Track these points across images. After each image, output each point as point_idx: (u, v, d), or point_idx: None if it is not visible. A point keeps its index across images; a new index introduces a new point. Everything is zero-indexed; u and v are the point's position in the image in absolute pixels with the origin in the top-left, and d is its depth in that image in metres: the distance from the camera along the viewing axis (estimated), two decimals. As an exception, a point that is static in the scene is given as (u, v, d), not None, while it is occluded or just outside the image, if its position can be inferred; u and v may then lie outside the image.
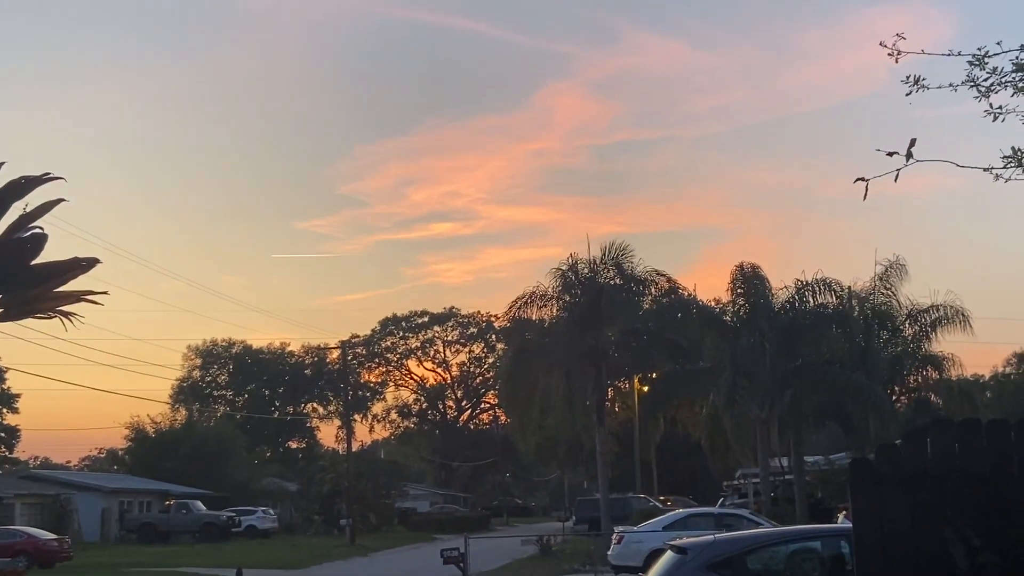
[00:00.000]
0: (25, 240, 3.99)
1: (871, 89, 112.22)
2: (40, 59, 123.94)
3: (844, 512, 27.13)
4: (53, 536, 44.97)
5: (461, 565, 27.63)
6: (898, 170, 6.60)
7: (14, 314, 4.18)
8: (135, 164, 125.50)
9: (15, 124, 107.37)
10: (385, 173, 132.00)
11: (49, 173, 4.03)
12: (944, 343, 44.50)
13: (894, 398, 44.50)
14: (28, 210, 4.05)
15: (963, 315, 43.79)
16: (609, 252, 46.97)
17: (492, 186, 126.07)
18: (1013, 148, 6.69)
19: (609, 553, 29.74)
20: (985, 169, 6.79)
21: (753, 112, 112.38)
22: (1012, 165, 6.71)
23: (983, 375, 77.66)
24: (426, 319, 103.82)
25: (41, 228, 4.15)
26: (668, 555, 14.35)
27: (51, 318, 4.29)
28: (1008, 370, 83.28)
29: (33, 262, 4.01)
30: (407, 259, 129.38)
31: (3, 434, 78.38)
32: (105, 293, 4.31)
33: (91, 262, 4.13)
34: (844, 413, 41.40)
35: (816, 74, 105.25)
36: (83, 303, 4.27)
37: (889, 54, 6.84)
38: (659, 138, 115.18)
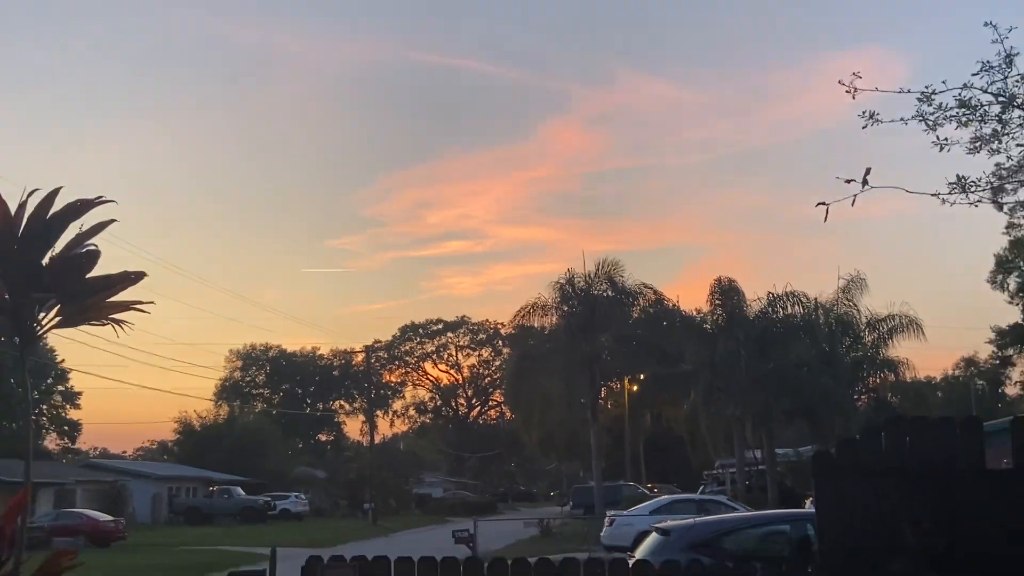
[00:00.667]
0: (81, 256, 3.98)
1: (835, 123, 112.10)
2: (102, 95, 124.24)
3: (810, 499, 27.09)
4: (110, 518, 45.08)
5: (471, 544, 27.61)
6: (855, 195, 6.61)
7: (71, 322, 4.19)
8: (189, 192, 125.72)
9: (78, 155, 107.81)
10: (403, 198, 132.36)
11: (102, 197, 4.03)
12: (900, 349, 44.46)
13: (855, 398, 44.43)
14: (83, 229, 4.06)
15: (916, 324, 43.74)
16: (602, 267, 46.99)
17: (498, 208, 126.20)
18: (957, 176, 6.70)
19: (602, 534, 29.67)
20: (932, 195, 6.80)
21: (731, 144, 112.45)
22: (956, 191, 6.71)
23: (935, 377, 77.35)
24: (440, 326, 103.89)
25: (95, 245, 4.16)
26: (654, 536, 14.30)
27: (104, 325, 4.29)
28: (957, 373, 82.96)
29: (88, 275, 4.01)
30: (423, 273, 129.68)
31: (67, 427, 78.40)
32: (152, 303, 4.31)
33: (139, 275, 4.12)
34: (811, 411, 41.33)
35: (787, 110, 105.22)
36: (133, 311, 4.28)
37: (847, 91, 6.86)
38: (647, 166, 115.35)
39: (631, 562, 6.52)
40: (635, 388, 53.85)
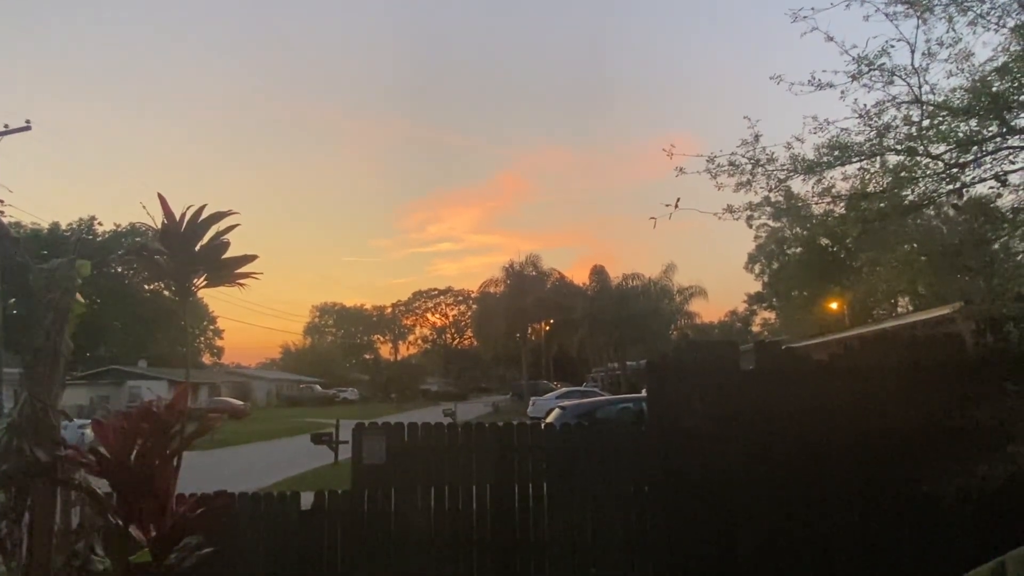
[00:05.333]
0: (218, 245, 3.88)
1: (665, 174, 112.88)
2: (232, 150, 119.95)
3: (644, 389, 27.42)
4: (241, 403, 44.43)
5: (453, 416, 27.66)
6: (671, 213, 6.63)
7: (213, 284, 4.08)
8: (294, 210, 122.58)
9: (219, 183, 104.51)
10: (416, 217, 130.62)
11: (232, 210, 3.95)
12: (694, 305, 45.15)
13: (671, 332, 45.02)
14: (220, 229, 3.95)
15: (703, 290, 44.47)
16: (529, 258, 47.31)
17: (471, 224, 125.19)
18: (728, 205, 6.76)
19: (528, 410, 29.90)
20: (714, 214, 6.84)
21: (605, 188, 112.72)
22: (726, 214, 6.78)
23: (715, 321, 78.36)
24: (436, 292, 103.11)
25: (227, 239, 4.05)
26: (556, 410, 14.43)
27: (233, 286, 4.20)
28: (726, 319, 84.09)
29: (222, 256, 3.91)
30: (426, 261, 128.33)
31: (215, 350, 76.64)
32: (262, 273, 4.24)
33: (253, 257, 4.03)
34: (645, 340, 41.83)
35: (638, 167, 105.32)
36: (250, 278, 4.18)
37: (668, 156, 6.84)
38: (557, 200, 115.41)
39: (543, 424, 6.56)
40: (547, 327, 54.04)
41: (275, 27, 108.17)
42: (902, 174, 5.95)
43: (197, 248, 4.30)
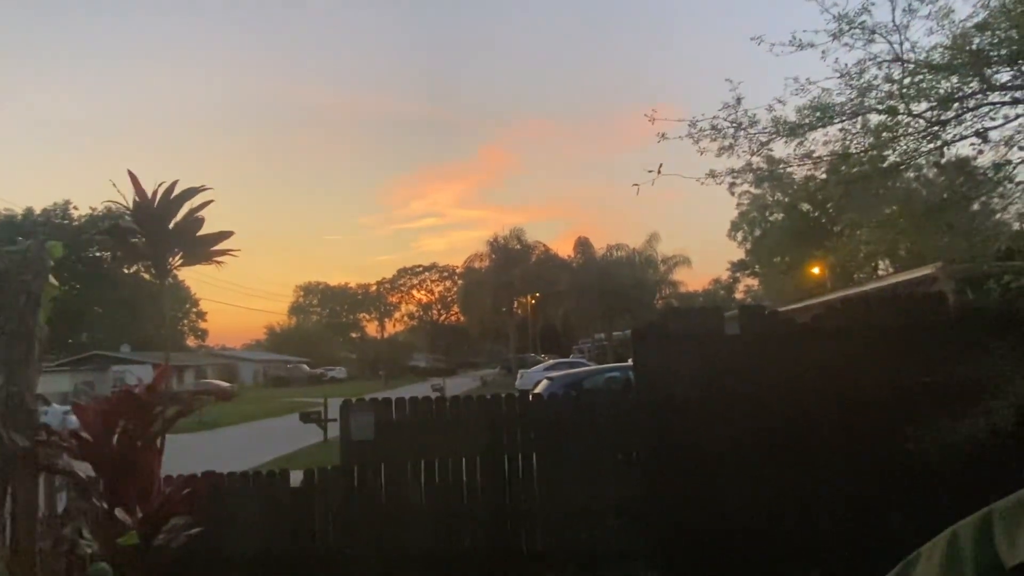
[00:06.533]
0: (193, 222, 3.78)
1: (648, 142, 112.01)
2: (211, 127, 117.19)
3: (631, 358, 27.45)
4: (228, 384, 44.21)
5: (441, 391, 27.70)
6: (653, 179, 6.56)
7: (189, 263, 3.99)
8: (281, 189, 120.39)
9: (197, 165, 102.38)
10: (400, 194, 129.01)
11: (204, 185, 3.83)
12: (679, 274, 45.33)
13: (656, 301, 45.19)
14: (194, 206, 3.85)
15: (687, 259, 44.64)
16: (513, 232, 47.35)
17: (455, 199, 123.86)
18: (710, 170, 6.71)
19: (516, 383, 30.00)
20: (697, 179, 6.79)
21: (589, 160, 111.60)
22: (708, 179, 6.73)
23: (698, 290, 78.80)
24: (421, 269, 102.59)
25: (202, 216, 3.95)
26: (545, 381, 14.50)
27: (209, 264, 4.11)
28: (710, 287, 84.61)
29: (197, 234, 3.81)
30: (411, 238, 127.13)
31: (199, 332, 75.96)
32: (239, 251, 4.14)
33: (229, 234, 3.93)
34: (632, 310, 41.97)
35: (621, 138, 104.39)
36: (228, 255, 4.09)
37: (651, 121, 6.74)
38: (541, 173, 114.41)
39: (531, 396, 6.56)
40: (533, 300, 54.04)
41: (256, 2, 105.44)
42: (883, 134, 5.93)
43: (171, 226, 4.20)
